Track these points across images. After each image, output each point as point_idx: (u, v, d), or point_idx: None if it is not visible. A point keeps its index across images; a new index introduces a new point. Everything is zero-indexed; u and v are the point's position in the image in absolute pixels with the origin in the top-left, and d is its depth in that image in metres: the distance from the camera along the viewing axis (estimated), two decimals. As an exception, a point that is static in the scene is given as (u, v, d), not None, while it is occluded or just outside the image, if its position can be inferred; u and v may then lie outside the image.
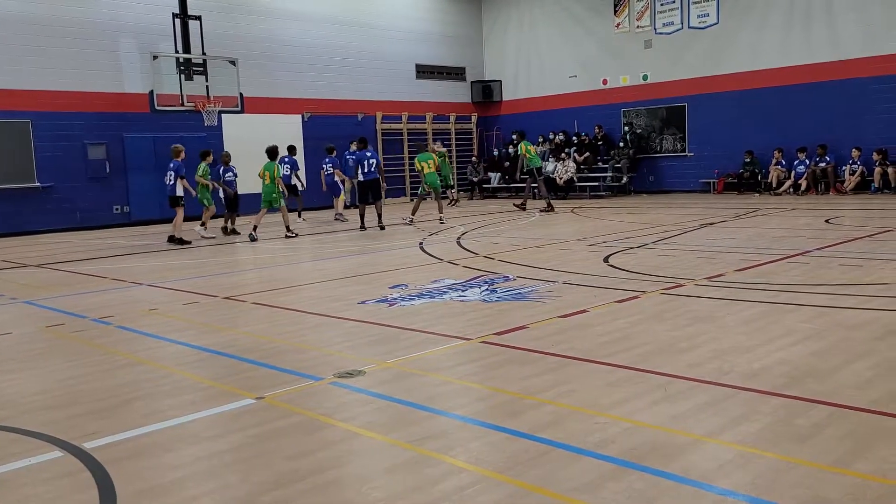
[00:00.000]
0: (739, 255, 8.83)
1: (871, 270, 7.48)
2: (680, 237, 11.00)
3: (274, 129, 19.98)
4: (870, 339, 4.94)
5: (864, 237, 9.99)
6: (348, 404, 4.14)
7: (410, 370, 4.72)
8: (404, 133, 23.63)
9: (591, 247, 10.29)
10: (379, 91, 22.97)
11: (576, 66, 23.45)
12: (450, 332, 5.65)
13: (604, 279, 7.65)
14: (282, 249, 12.40)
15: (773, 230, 11.45)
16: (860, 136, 17.78)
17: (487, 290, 7.34)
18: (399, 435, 3.62)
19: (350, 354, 5.16)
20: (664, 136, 21.91)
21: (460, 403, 4.11)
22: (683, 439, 3.40)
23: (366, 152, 14.47)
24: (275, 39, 20.65)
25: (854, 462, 3.07)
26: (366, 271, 9.07)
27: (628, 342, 5.13)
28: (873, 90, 17.69)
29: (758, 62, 19.55)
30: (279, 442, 3.59)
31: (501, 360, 4.89)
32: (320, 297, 7.60)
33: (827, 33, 18.36)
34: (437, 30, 24.70)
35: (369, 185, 14.42)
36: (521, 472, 3.12)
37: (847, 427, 3.46)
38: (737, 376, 4.26)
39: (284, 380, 4.60)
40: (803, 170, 18.46)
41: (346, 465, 3.34)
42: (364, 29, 22.55)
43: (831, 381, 4.12)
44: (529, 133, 24.49)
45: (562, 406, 3.91)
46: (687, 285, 7.09)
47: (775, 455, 3.18)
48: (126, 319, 6.76)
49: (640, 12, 21.84)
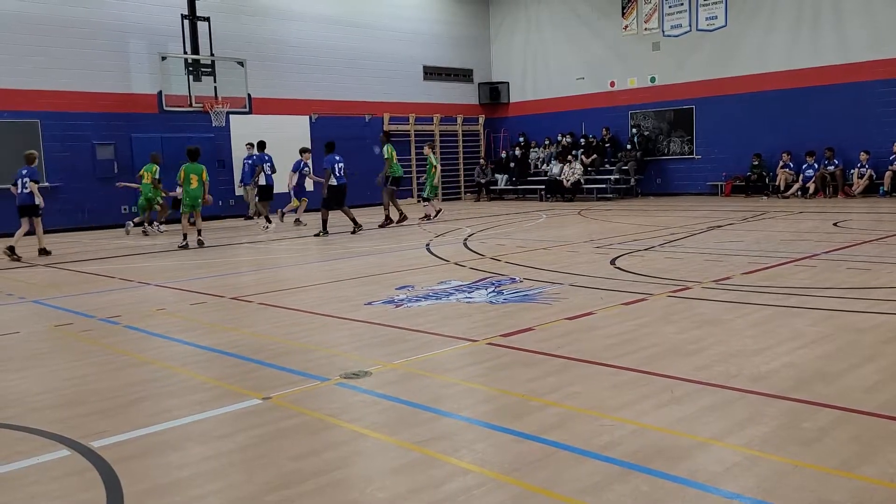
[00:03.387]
0: (747, 258, 8.80)
1: (879, 274, 7.44)
2: (687, 240, 10.97)
3: (282, 129, 20.06)
4: (877, 342, 4.92)
5: (872, 241, 9.95)
6: (354, 405, 4.15)
7: (416, 371, 4.72)
8: (411, 134, 23.65)
9: (597, 249, 10.28)
10: (386, 92, 23.01)
11: (583, 67, 23.43)
12: (456, 334, 5.65)
13: (610, 281, 7.64)
14: (289, 250, 12.43)
15: (780, 233, 11.40)
16: (868, 139, 17.70)
17: (494, 291, 7.34)
18: (404, 436, 3.62)
19: (356, 355, 5.17)
20: (672, 138, 21.86)
21: (466, 405, 4.12)
22: (689, 442, 3.40)
23: (335, 156, 14.13)
24: (282, 41, 20.72)
25: (860, 466, 3.06)
26: (372, 272, 9.08)
27: (635, 344, 5.12)
28: (881, 93, 17.61)
29: (765, 65, 19.50)
30: (285, 442, 3.60)
31: (507, 361, 4.89)
32: (327, 297, 7.61)
33: (834, 36, 18.30)
34: (445, 31, 24.72)
35: (340, 189, 14.07)
36: (526, 474, 3.12)
37: (853, 431, 3.45)
38: (744, 379, 4.25)
39: (290, 380, 4.61)
40: (812, 173, 18.40)
41: (351, 465, 3.34)
42: (371, 30, 22.60)
43: (838, 384, 4.11)
44: (537, 135, 24.63)
45: (567, 408, 3.90)
46: (694, 288, 7.08)
47: (781, 458, 3.17)
48: (134, 319, 6.79)
49: (647, 14, 21.81)
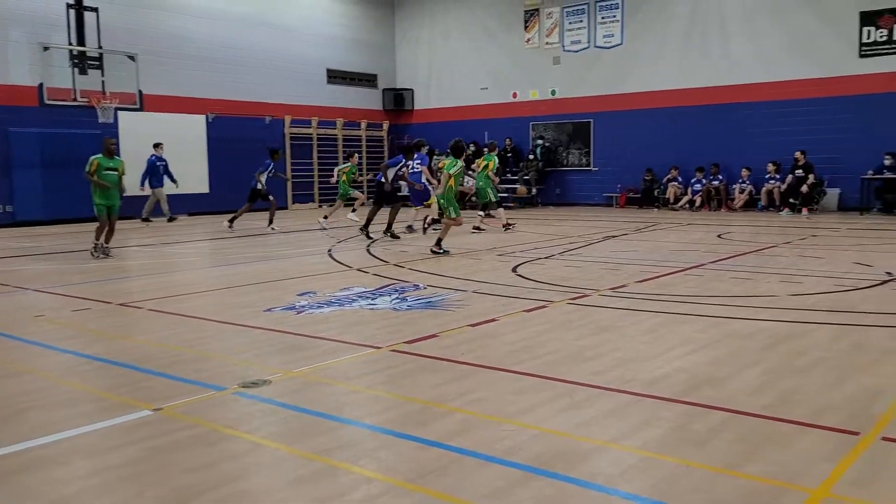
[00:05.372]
0: (640, 267, 9.16)
1: (760, 283, 7.92)
2: (585, 249, 11.31)
3: (175, 128, 19.28)
4: (760, 348, 5.22)
5: (752, 252, 10.58)
6: (252, 415, 4.01)
7: (318, 379, 4.62)
8: (314, 138, 23.28)
9: (500, 257, 10.43)
10: (288, 94, 22.55)
11: (487, 78, 23.81)
12: (359, 341, 5.58)
13: (513, 289, 7.77)
14: (183, 254, 11.95)
15: (670, 244, 11.95)
16: (750, 156, 18.84)
17: (398, 298, 7.30)
18: (306, 445, 3.53)
19: (255, 363, 5.01)
20: (571, 150, 22.53)
21: (369, 412, 4.06)
22: (589, 445, 3.48)
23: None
24: (181, 36, 19.94)
25: (746, 465, 3.22)
26: (273, 278, 8.85)
27: (536, 350, 5.21)
28: (763, 114, 18.80)
29: (658, 83, 20.42)
30: (178, 455, 3.43)
31: (411, 368, 4.87)
32: (223, 303, 7.35)
33: (721, 58, 19.40)
34: (350, 35, 24.51)
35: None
36: (430, 481, 3.10)
37: (740, 431, 3.63)
38: (639, 384, 4.41)
39: (184, 390, 4.41)
40: (699, 187, 19.42)
41: (249, 477, 3.22)
42: (275, 30, 22.11)
43: (726, 387, 4.32)
44: (439, 144, 24.76)
45: (471, 414, 3.92)
46: (592, 295, 7.29)
47: (674, 459, 3.29)
48: (9, 327, 6.32)
49: (549, 29, 22.42)
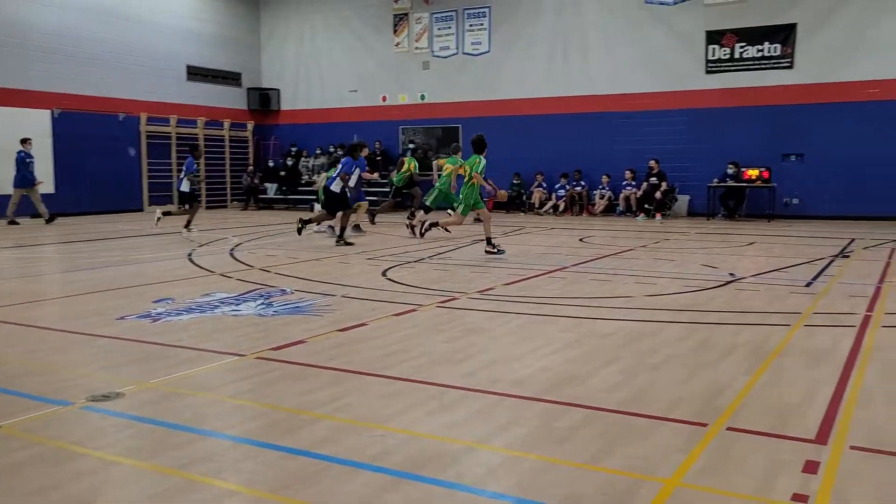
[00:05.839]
0: (507, 270, 9.40)
1: (618, 285, 8.34)
2: (454, 252, 11.48)
3: (15, 123, 17.76)
4: (616, 346, 5.49)
5: (611, 255, 11.14)
6: (103, 430, 3.75)
7: (176, 390, 4.39)
8: (173, 137, 22.18)
9: (369, 261, 10.38)
10: (145, 91, 21.36)
11: (356, 80, 23.67)
12: (221, 349, 5.36)
13: (382, 293, 7.75)
14: (25, 259, 11.01)
15: (536, 247, 12.36)
16: (609, 164, 19.86)
17: (263, 303, 7.08)
18: (162, 460, 3.34)
19: (106, 375, 4.69)
20: (440, 154, 22.79)
21: (231, 423, 3.90)
22: (457, 447, 3.52)
23: None
24: (25, 24, 18.40)
25: (605, 459, 3.37)
26: (126, 284, 8.33)
27: (406, 354, 5.22)
28: (620, 124, 19.88)
29: (524, 91, 21.10)
30: (20, 476, 3.15)
31: (277, 375, 4.74)
32: (70, 312, 6.84)
33: (581, 70, 20.35)
34: (211, 31, 23.57)
35: None
36: (297, 491, 3.02)
37: (599, 427, 3.80)
38: (505, 384, 4.51)
39: (25, 406, 4.05)
40: (563, 192, 20.24)
41: (100, 497, 3.00)
42: (128, 22, 20.87)
43: (585, 385, 4.51)
44: (308, 144, 24.38)
45: (339, 420, 3.86)
46: (461, 298, 7.40)
47: (538, 457, 3.39)
48: None
49: (418, 34, 22.61)
